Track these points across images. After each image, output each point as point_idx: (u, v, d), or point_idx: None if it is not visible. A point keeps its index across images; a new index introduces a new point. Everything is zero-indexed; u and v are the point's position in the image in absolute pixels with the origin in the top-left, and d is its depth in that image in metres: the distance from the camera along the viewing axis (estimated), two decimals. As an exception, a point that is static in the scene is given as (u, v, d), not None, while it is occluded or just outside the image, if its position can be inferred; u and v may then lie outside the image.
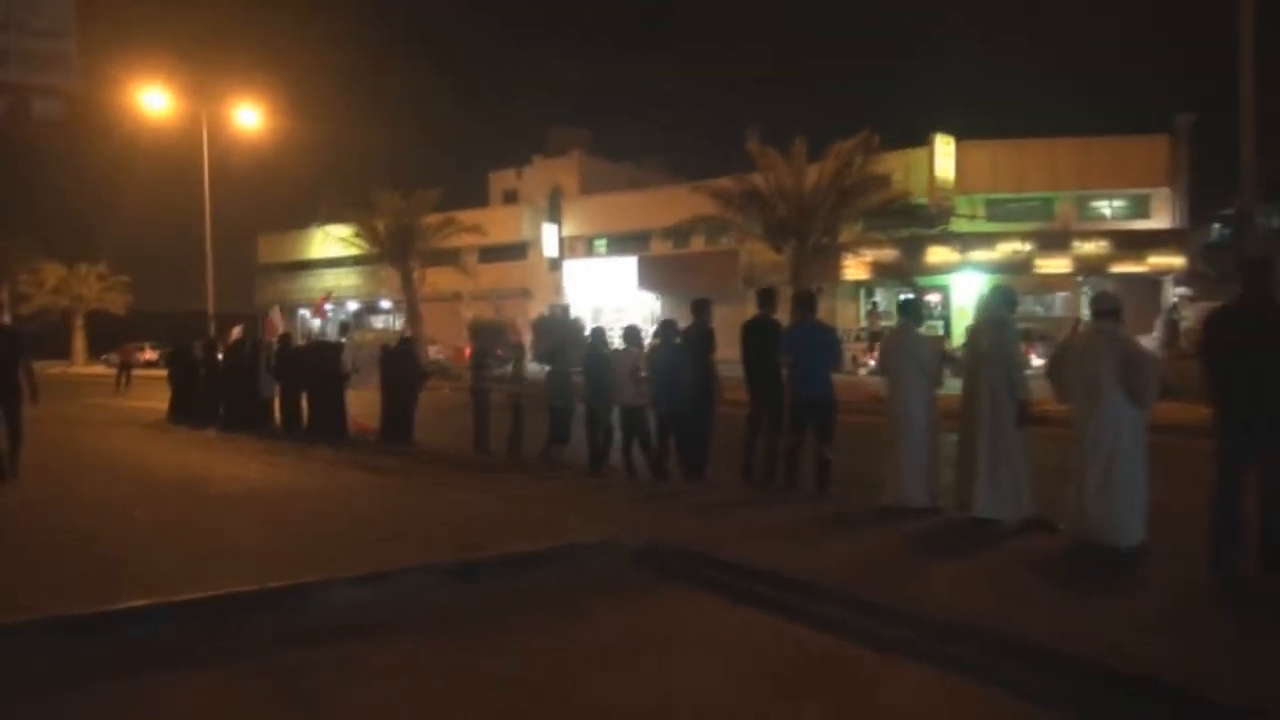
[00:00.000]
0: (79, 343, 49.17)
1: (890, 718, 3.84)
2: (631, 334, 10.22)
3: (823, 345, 8.09)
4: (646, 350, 9.87)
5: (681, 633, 4.85)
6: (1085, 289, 32.12)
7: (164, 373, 19.51)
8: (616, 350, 10.45)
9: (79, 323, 49.19)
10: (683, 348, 9.07)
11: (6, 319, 45.27)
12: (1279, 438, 5.01)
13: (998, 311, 6.92)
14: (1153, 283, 30.90)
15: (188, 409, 17.05)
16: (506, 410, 11.54)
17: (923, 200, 30.55)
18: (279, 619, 4.87)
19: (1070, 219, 31.77)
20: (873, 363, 24.53)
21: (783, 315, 8.72)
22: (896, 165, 32.70)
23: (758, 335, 8.56)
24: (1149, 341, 19.55)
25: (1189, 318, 28.35)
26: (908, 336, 7.43)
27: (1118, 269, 30.38)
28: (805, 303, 8.48)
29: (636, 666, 4.36)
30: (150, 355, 41.58)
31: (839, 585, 5.17)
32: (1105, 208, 32.47)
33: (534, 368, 12.59)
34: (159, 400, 18.20)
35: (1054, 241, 30.72)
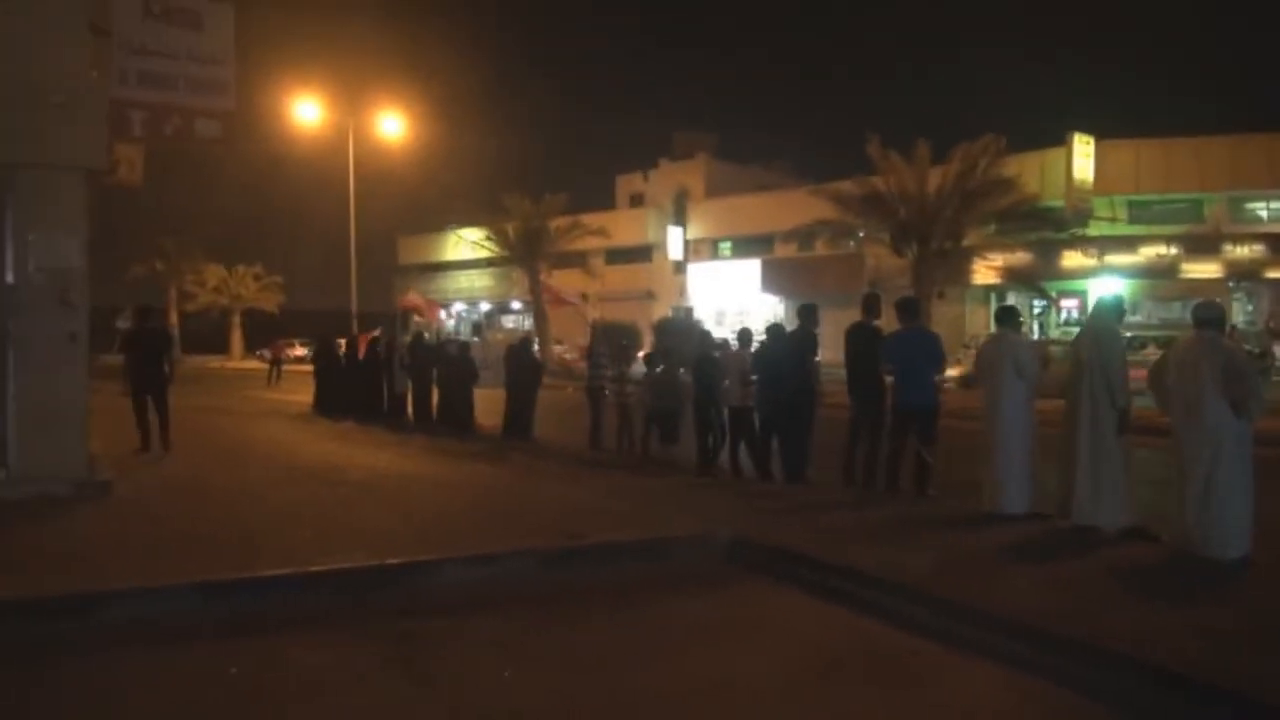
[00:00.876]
0: (236, 339, 52.64)
1: (935, 705, 4.00)
2: (744, 335, 10.47)
3: (924, 351, 8.16)
4: (754, 351, 10.08)
5: (756, 622, 5.12)
6: (1237, 295, 30.40)
7: (311, 368, 20.87)
8: (726, 351, 10.74)
9: (237, 320, 52.66)
10: (786, 351, 9.27)
11: (172, 319, 49.06)
12: None
13: (1103, 319, 6.88)
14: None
15: (330, 402, 18.25)
16: (633, 410, 11.95)
17: (1058, 202, 29.55)
18: (396, 592, 5.39)
19: (1222, 221, 30.08)
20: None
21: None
22: (1032, 166, 31.80)
23: (860, 340, 8.70)
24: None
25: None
26: (1005, 342, 7.43)
27: (1274, 274, 28.64)
28: (908, 308, 8.55)
29: (707, 649, 4.65)
30: (300, 351, 44.25)
31: (917, 584, 5.32)
32: (1261, 209, 30.57)
33: (641, 369, 12.96)
34: (306, 394, 19.51)
35: (1203, 245, 29.18)
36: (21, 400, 7.65)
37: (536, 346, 24.24)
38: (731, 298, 42.06)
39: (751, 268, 40.79)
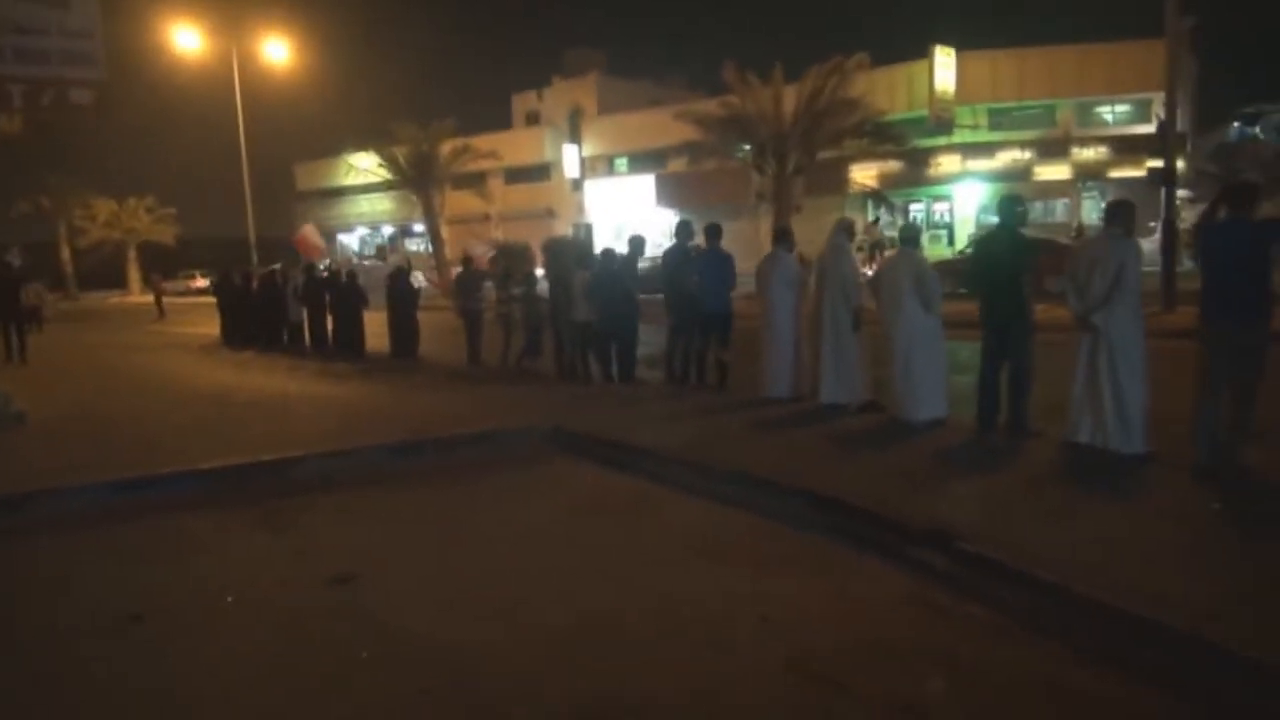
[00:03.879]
0: (134, 273, 52.00)
1: (652, 525, 5.69)
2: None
3: (721, 267, 9.77)
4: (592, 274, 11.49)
5: (553, 483, 6.77)
6: (1090, 193, 32.90)
7: (214, 299, 21.69)
8: (572, 273, 12.19)
9: (132, 254, 51.93)
10: (613, 273, 10.79)
11: (63, 255, 48.28)
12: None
13: (836, 238, 8.54)
14: (1155, 186, 31.57)
15: (234, 333, 19.27)
16: (517, 329, 13.25)
17: (924, 112, 31.41)
18: (267, 480, 6.86)
19: (1070, 126, 32.37)
20: (870, 273, 25.94)
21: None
22: (900, 79, 33.55)
23: (674, 260, 10.27)
24: (1150, 245, 20.39)
25: (1187, 220, 29.14)
26: (776, 261, 9.08)
27: (1117, 174, 31.05)
28: (712, 232, 10.09)
29: (511, 503, 6.28)
30: (200, 283, 44.23)
31: (675, 452, 7.01)
32: (1107, 114, 32.94)
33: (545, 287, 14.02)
34: (210, 326, 20.47)
35: (1054, 149, 31.44)
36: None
37: (421, 276, 25.27)
38: (629, 213, 43.31)
39: (647, 183, 42.03)
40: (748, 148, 23.16)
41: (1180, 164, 31.04)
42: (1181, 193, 32.11)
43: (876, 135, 22.41)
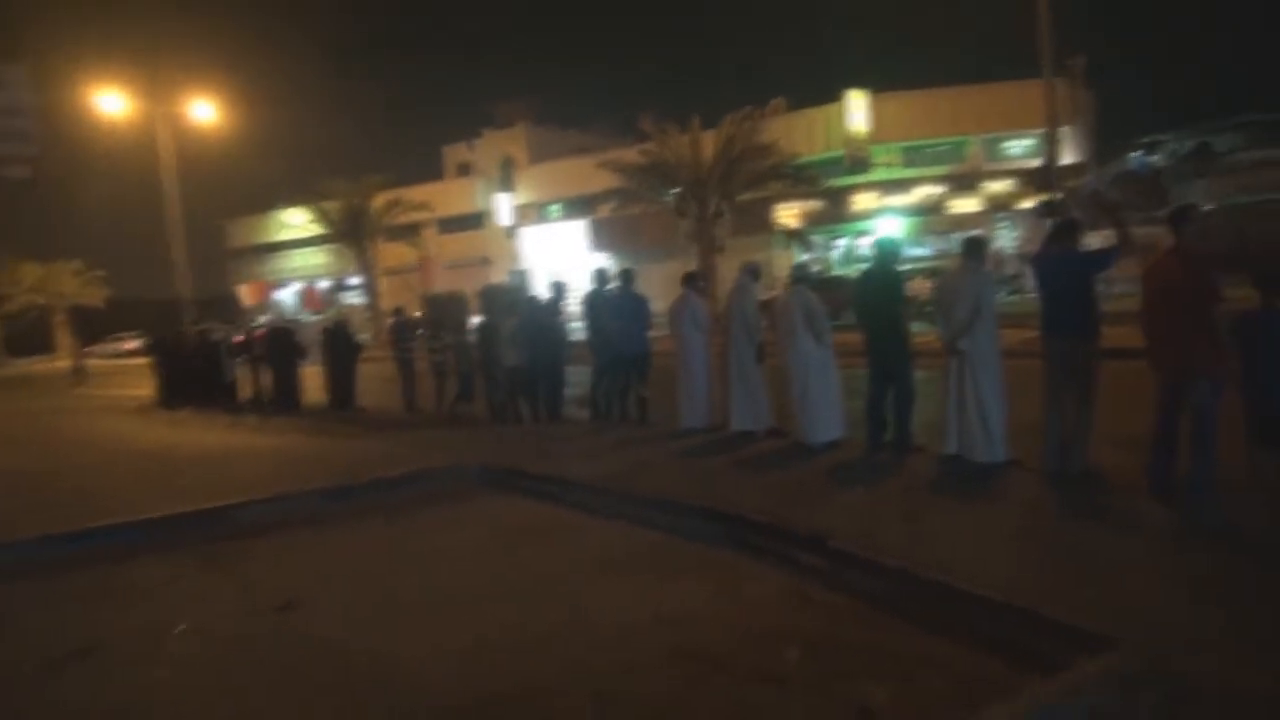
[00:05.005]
0: (63, 337, 51.15)
1: (571, 547, 6.25)
2: (504, 304, 12.39)
3: (636, 310, 10.45)
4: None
5: (480, 516, 7.30)
6: (1003, 224, 34.53)
7: (148, 361, 21.73)
8: (500, 320, 12.77)
9: (60, 318, 51.11)
10: (540, 318, 11.42)
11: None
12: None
13: (741, 279, 9.29)
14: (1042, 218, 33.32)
15: (170, 393, 19.38)
16: (451, 375, 13.74)
17: (840, 152, 32.82)
18: (208, 527, 7.27)
19: (980, 161, 34.04)
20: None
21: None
22: (819, 120, 35.01)
23: (594, 304, 10.94)
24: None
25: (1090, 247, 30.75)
26: (686, 302, 9.79)
27: (1026, 204, 32.68)
28: (623, 275, 10.80)
29: (436, 535, 6.80)
30: (131, 345, 43.75)
31: (597, 481, 7.60)
32: (1013, 148, 34.69)
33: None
34: (142, 387, 20.53)
35: (965, 183, 33.03)
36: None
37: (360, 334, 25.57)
38: (563, 258, 44.03)
39: (579, 228, 42.86)
40: (672, 193, 24.08)
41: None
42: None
43: (793, 177, 23.50)
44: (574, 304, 12.45)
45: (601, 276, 11.09)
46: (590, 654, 4.33)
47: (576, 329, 12.25)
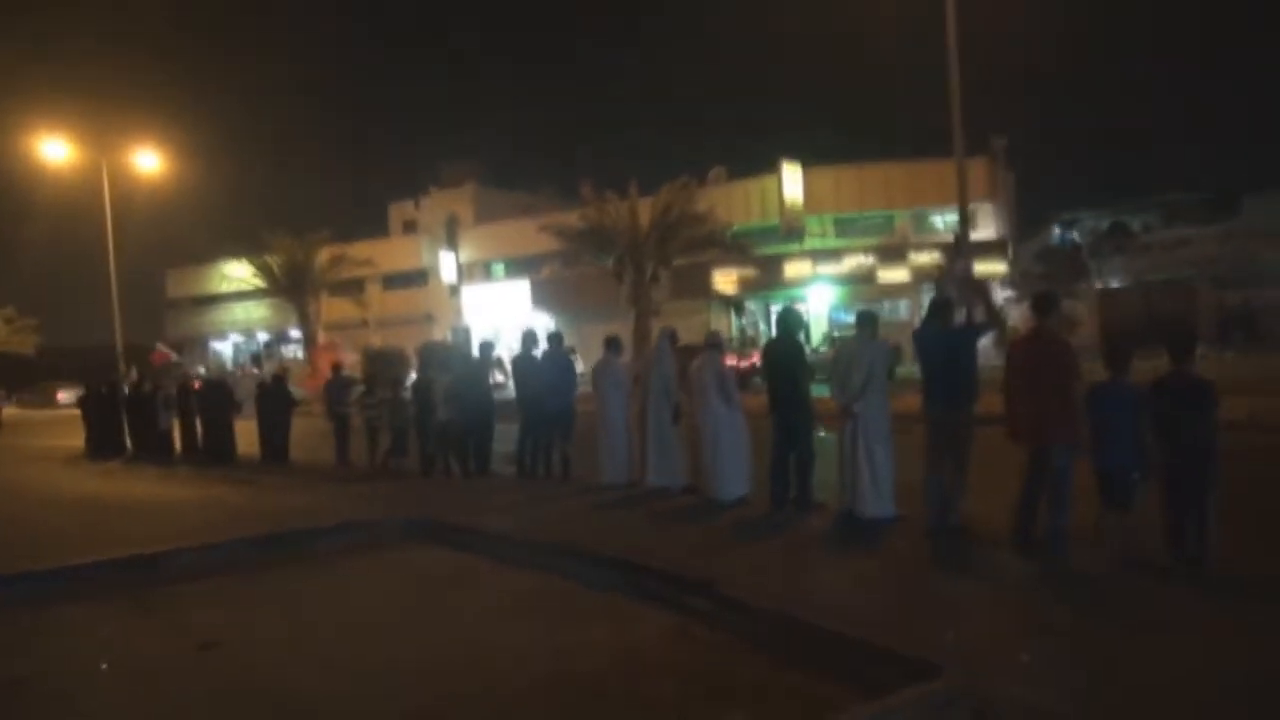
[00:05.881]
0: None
1: (482, 593, 6.67)
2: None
3: (560, 369, 10.99)
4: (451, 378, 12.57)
5: (401, 565, 7.69)
6: (925, 294, 35.95)
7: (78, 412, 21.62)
8: (433, 377, 13.21)
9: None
10: (468, 376, 11.89)
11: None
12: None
13: (659, 343, 9.90)
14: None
15: (100, 444, 19.32)
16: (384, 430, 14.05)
17: (775, 221, 34.04)
18: (140, 573, 7.53)
19: (908, 233, 35.52)
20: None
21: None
22: (755, 190, 36.31)
23: (522, 365, 11.44)
24: (985, 341, 22.76)
25: (1014, 317, 32.22)
26: (607, 365, 10.37)
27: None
28: (554, 340, 11.35)
29: (357, 582, 7.17)
30: (64, 396, 42.94)
31: (514, 532, 8.04)
32: (939, 221, 36.27)
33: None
34: (74, 438, 20.39)
35: (892, 254, 34.40)
36: None
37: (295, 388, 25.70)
38: (507, 316, 44.51)
39: (523, 288, 43.43)
40: (612, 258, 24.87)
41: (1003, 267, 34.68)
42: (1006, 293, 35.60)
43: (728, 244, 24.45)
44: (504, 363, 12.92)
45: (530, 338, 11.62)
46: (482, 685, 4.76)
47: (505, 387, 12.72)
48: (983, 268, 34.75)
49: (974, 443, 7.21)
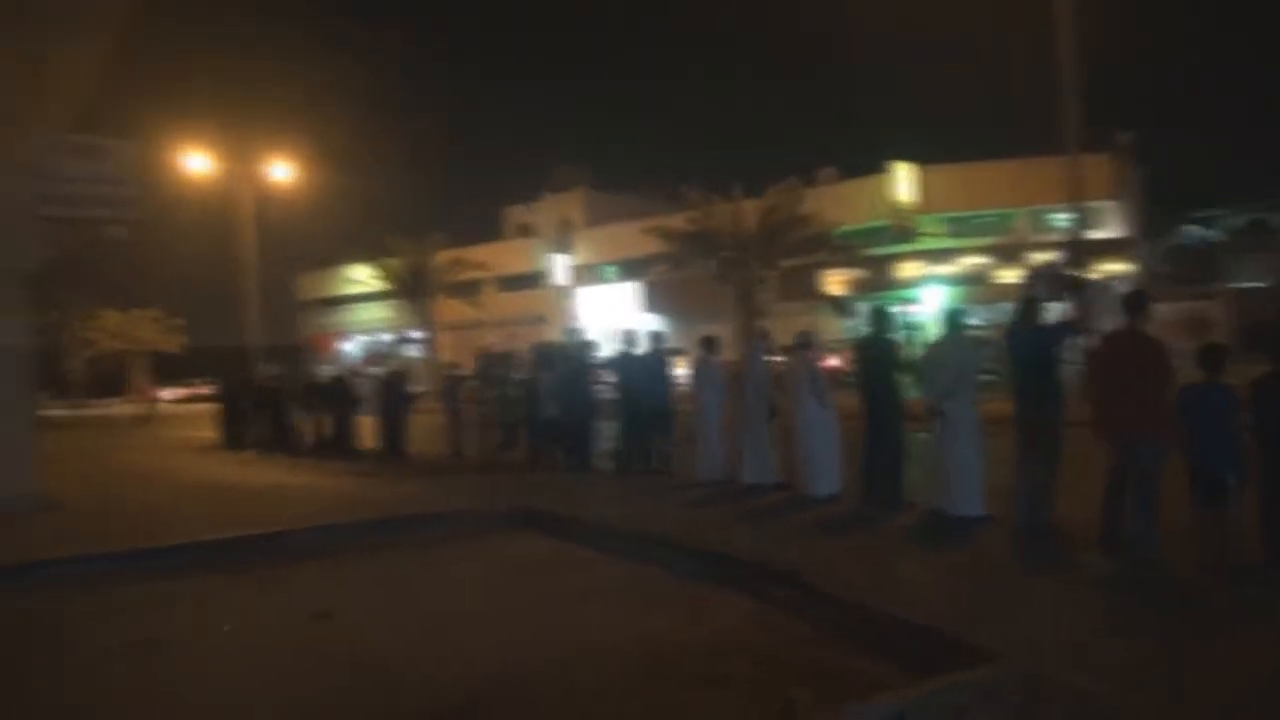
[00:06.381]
0: (136, 381, 53.64)
1: (575, 581, 6.99)
2: (547, 361, 13.33)
3: (654, 372, 11.27)
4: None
5: (500, 551, 8.09)
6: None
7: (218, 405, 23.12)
8: (540, 375, 13.70)
9: (139, 363, 53.68)
10: (566, 376, 12.31)
11: (75, 363, 50.02)
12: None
13: (755, 345, 10.07)
14: (1105, 288, 33.48)
15: (235, 436, 20.67)
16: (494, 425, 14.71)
17: (885, 222, 33.56)
18: (260, 550, 8.17)
19: (1025, 232, 34.43)
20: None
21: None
22: (869, 190, 35.87)
23: (622, 364, 11.78)
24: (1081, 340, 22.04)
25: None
26: (704, 366, 10.59)
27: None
28: (652, 338, 11.65)
29: (459, 565, 7.60)
30: (203, 390, 45.79)
31: (612, 524, 8.35)
32: (1059, 221, 35.01)
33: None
34: (210, 430, 21.94)
35: (1009, 253, 33.40)
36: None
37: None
38: (617, 318, 45.14)
39: (633, 290, 44.03)
40: (716, 260, 25.04)
41: (1125, 266, 33.23)
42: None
43: (833, 246, 24.30)
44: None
45: (630, 339, 11.94)
46: (569, 663, 5.05)
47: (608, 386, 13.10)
48: (1106, 267, 33.51)
49: (1065, 442, 7.14)
